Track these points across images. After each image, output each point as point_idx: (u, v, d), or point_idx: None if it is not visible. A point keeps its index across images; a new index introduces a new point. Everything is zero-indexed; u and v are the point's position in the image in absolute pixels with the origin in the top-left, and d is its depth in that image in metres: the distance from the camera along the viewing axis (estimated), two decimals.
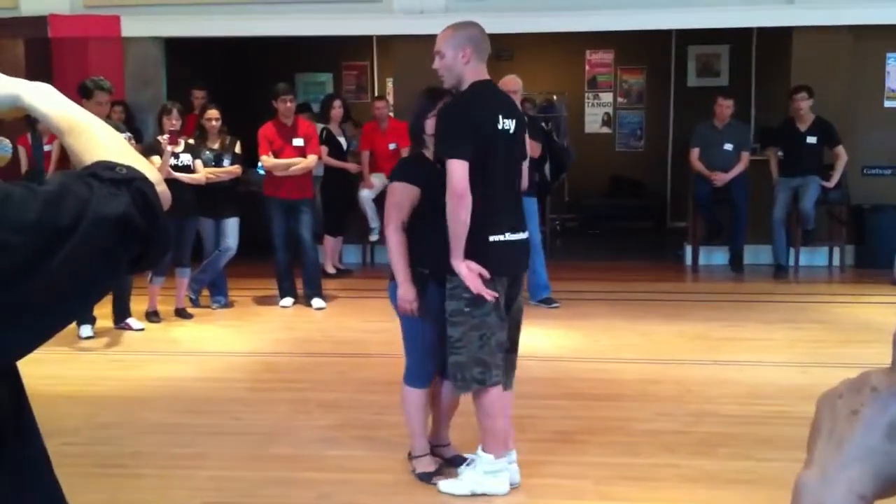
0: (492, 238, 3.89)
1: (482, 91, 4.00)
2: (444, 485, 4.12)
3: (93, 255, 1.04)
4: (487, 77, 4.02)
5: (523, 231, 4.05)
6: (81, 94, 6.71)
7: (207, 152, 7.76)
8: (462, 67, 3.95)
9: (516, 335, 4.18)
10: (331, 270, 9.49)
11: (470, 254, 3.81)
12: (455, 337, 3.91)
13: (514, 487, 4.13)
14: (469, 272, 3.80)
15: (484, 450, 4.04)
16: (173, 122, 7.47)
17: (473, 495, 4.04)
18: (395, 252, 4.06)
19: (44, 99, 1.26)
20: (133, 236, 1.08)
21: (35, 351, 1.06)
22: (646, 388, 5.64)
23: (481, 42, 4.00)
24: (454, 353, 3.93)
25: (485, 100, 4.00)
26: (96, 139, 1.22)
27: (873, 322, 7.17)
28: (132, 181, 1.10)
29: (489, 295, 3.81)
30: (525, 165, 4.29)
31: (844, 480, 0.75)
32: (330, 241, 9.60)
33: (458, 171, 3.77)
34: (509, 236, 3.94)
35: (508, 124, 3.97)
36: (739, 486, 4.15)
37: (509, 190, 4.03)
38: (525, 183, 4.28)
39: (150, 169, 1.17)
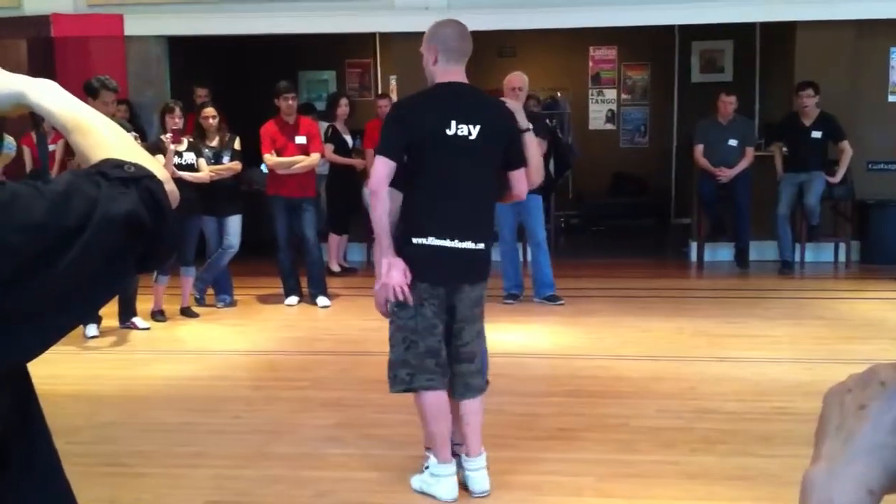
0: (414, 240, 3.80)
1: (437, 93, 3.90)
2: (413, 478, 4.15)
3: (101, 255, 1.04)
4: (459, 79, 3.87)
5: (466, 241, 3.81)
6: (87, 92, 6.72)
7: (206, 150, 7.77)
8: (431, 68, 3.88)
9: (461, 346, 3.95)
10: (335, 269, 9.50)
11: (397, 252, 3.81)
12: (389, 334, 3.96)
13: (482, 496, 4.02)
14: (388, 268, 3.79)
15: (430, 451, 4.04)
16: (176, 120, 7.47)
17: (423, 493, 4.04)
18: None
19: (49, 96, 1.25)
20: (141, 235, 1.07)
21: None
22: (648, 384, 5.64)
23: (451, 42, 3.84)
24: (390, 350, 3.98)
25: (434, 103, 3.89)
26: (103, 137, 1.21)
27: (878, 318, 7.16)
28: (140, 180, 1.10)
29: (392, 294, 3.79)
30: (522, 171, 3.98)
31: (853, 475, 0.75)
32: (335, 240, 9.61)
33: (377, 169, 3.79)
34: (433, 241, 3.78)
35: (467, 130, 3.78)
36: (740, 482, 4.14)
37: (459, 196, 3.82)
38: (522, 192, 4.03)
39: (158, 167, 1.17)
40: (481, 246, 3.88)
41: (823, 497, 0.75)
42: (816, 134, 9.18)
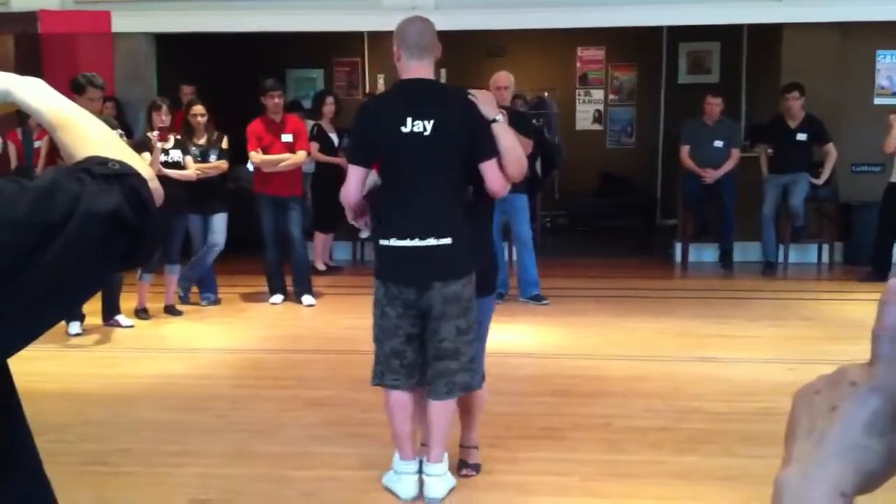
0: (381, 242, 3.87)
1: (395, 91, 3.96)
2: (384, 475, 4.19)
3: (84, 251, 1.03)
4: (420, 75, 3.86)
5: (428, 237, 3.77)
6: (73, 89, 6.68)
7: (194, 148, 7.75)
8: (398, 65, 3.93)
9: (438, 343, 3.88)
10: (321, 267, 9.49)
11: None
12: None
13: (433, 502, 3.98)
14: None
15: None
16: (163, 118, 7.45)
17: (389, 491, 4.08)
18: None
19: (35, 94, 1.25)
20: (124, 232, 1.07)
21: None
22: (633, 384, 5.65)
23: (409, 38, 3.86)
24: None
25: (391, 101, 3.97)
26: (88, 134, 1.21)
27: (861, 319, 7.14)
28: (124, 177, 1.10)
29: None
30: (492, 162, 3.82)
31: (826, 477, 0.74)
32: (320, 238, 9.59)
33: (349, 179, 3.89)
34: (394, 242, 3.81)
35: (422, 126, 3.75)
36: (724, 482, 4.16)
37: (419, 193, 3.80)
38: (495, 185, 3.85)
39: (143, 164, 1.17)
40: (447, 241, 3.78)
41: (796, 500, 0.75)
42: (802, 136, 9.22)
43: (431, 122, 3.76)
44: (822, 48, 9.60)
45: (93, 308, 7.05)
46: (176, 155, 7.54)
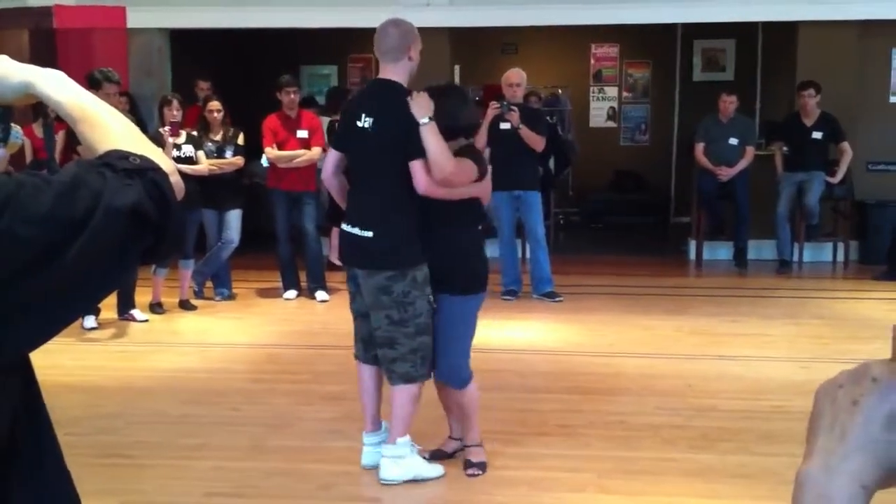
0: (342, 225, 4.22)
1: (361, 89, 4.49)
2: None
3: (106, 246, 1.04)
4: (382, 75, 4.18)
5: (355, 226, 4.03)
6: (90, 84, 6.71)
7: (210, 144, 7.78)
8: None
9: (374, 330, 4.05)
10: (336, 262, 9.49)
11: None
12: None
13: (384, 483, 4.09)
14: None
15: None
16: (174, 113, 7.48)
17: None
18: None
19: (57, 86, 1.25)
20: (146, 227, 1.07)
21: None
22: (647, 382, 5.64)
23: (375, 42, 4.21)
24: None
25: (356, 98, 4.46)
26: (110, 128, 1.21)
27: (875, 318, 7.16)
28: (146, 171, 1.10)
29: None
30: (418, 163, 3.91)
31: (847, 471, 0.75)
32: (335, 234, 9.60)
33: (326, 159, 4.44)
34: (344, 227, 4.13)
35: (366, 122, 4.04)
36: (739, 480, 4.16)
37: (359, 184, 4.15)
38: (420, 186, 3.92)
39: (164, 159, 1.17)
40: (368, 234, 3.99)
41: (820, 493, 0.75)
42: (817, 134, 9.17)
43: (372, 119, 4.04)
44: (838, 46, 9.55)
45: (108, 302, 7.07)
46: (188, 150, 7.56)
